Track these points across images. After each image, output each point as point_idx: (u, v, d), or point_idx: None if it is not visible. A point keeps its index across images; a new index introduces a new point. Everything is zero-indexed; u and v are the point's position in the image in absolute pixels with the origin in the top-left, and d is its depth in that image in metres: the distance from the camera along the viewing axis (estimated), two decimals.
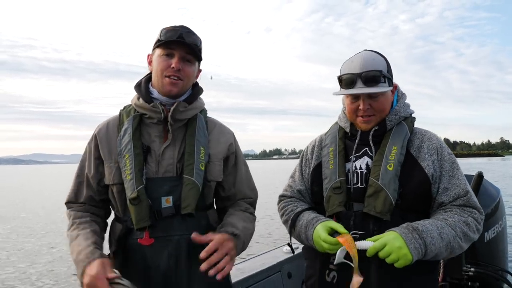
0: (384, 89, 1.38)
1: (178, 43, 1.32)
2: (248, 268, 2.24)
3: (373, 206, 1.31)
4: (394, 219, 1.30)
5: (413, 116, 1.50)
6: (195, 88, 1.47)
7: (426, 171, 1.34)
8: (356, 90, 1.37)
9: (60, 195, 1.37)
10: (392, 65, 1.47)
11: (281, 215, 1.56)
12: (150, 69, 1.43)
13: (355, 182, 1.40)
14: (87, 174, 1.39)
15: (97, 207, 1.40)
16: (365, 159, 1.42)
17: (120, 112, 1.44)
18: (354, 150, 1.44)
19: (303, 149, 1.67)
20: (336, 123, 1.60)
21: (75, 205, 1.40)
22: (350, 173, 1.41)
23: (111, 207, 1.43)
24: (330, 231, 1.31)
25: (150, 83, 1.43)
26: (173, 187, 1.31)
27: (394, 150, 1.36)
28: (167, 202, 1.30)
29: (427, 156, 1.37)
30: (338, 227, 1.29)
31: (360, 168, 1.40)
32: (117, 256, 1.32)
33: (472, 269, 1.99)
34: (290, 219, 1.48)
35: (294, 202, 1.54)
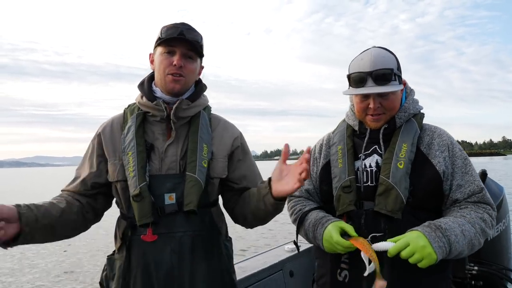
0: (395, 88, 1.34)
1: (179, 40, 1.32)
2: (249, 266, 2.23)
3: (384, 204, 1.29)
4: (405, 217, 1.29)
5: (422, 112, 1.47)
6: (199, 85, 1.47)
7: (437, 168, 1.33)
8: (367, 90, 1.34)
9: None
10: None
11: (290, 215, 1.55)
12: (152, 68, 1.43)
13: (365, 180, 1.38)
14: (86, 170, 1.39)
15: (86, 196, 1.38)
16: (375, 157, 1.40)
17: (125, 110, 1.45)
18: (363, 148, 1.42)
19: (304, 150, 1.65)
20: (343, 120, 1.57)
21: (64, 191, 1.40)
22: (360, 172, 1.40)
23: (116, 204, 1.44)
24: (341, 231, 1.29)
25: (153, 82, 1.43)
26: (176, 184, 1.32)
27: (404, 147, 1.34)
28: (170, 199, 1.30)
29: (438, 153, 1.35)
30: (350, 229, 1.28)
31: (370, 166, 1.39)
32: (121, 252, 1.33)
33: (476, 268, 1.98)
34: (298, 218, 1.47)
35: (302, 202, 1.53)
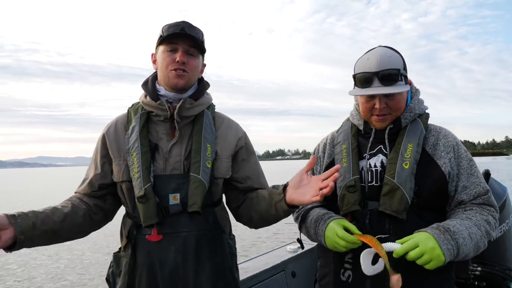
0: (402, 88, 1.33)
1: (181, 36, 1.33)
2: (251, 267, 2.22)
3: (389, 204, 1.29)
4: (410, 217, 1.28)
5: (427, 112, 1.47)
6: (201, 83, 1.47)
7: (442, 169, 1.32)
8: (374, 90, 1.32)
9: (65, 197, 1.39)
10: None
11: (293, 213, 1.55)
12: (155, 68, 1.44)
13: (369, 180, 1.37)
14: (92, 171, 1.41)
15: (95, 197, 1.40)
16: (380, 157, 1.39)
17: (128, 110, 1.45)
18: (368, 148, 1.42)
19: (306, 150, 1.64)
20: (347, 119, 1.57)
21: (75, 193, 1.43)
22: (364, 171, 1.39)
23: (122, 203, 1.44)
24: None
25: (156, 81, 1.43)
26: (180, 184, 1.32)
27: (409, 148, 1.34)
28: (175, 199, 1.31)
29: (443, 154, 1.35)
30: (353, 228, 1.27)
31: (375, 166, 1.38)
32: (127, 250, 1.34)
33: (479, 269, 1.97)
34: (301, 215, 1.47)
35: None
